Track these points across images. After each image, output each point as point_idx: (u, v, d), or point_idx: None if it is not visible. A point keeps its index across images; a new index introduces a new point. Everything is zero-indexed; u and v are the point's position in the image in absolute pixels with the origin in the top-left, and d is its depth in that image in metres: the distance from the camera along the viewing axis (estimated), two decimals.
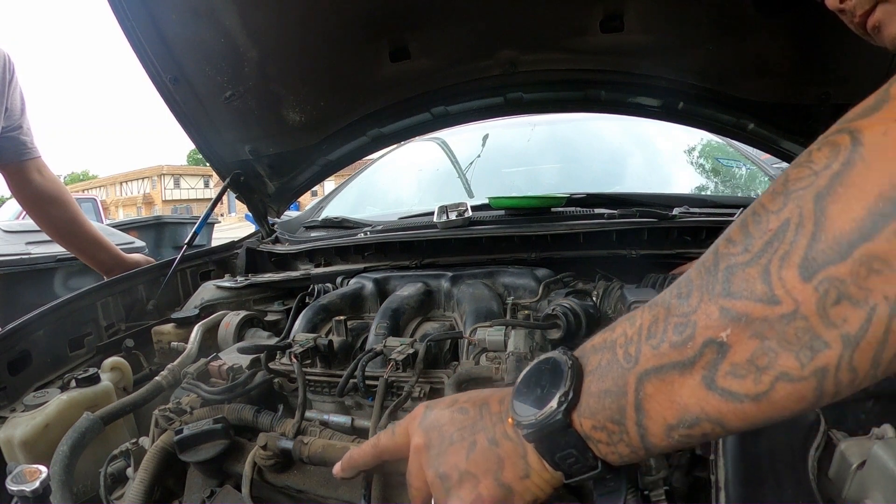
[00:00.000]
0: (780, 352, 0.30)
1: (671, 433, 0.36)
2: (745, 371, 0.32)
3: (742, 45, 1.14)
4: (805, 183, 0.30)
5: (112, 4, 1.11)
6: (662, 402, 0.36)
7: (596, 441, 0.40)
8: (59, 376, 1.05)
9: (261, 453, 0.73)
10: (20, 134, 1.45)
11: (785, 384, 0.31)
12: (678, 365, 0.34)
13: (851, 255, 0.28)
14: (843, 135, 0.30)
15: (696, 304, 0.34)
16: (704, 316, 0.33)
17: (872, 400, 0.61)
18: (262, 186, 1.58)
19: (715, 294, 0.33)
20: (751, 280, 0.31)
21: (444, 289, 1.09)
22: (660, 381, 0.35)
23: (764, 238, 0.31)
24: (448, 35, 1.23)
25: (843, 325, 0.29)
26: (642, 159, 2.02)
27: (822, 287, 0.29)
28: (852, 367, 0.29)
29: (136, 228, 4.51)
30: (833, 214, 0.29)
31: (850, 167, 0.29)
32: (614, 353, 0.39)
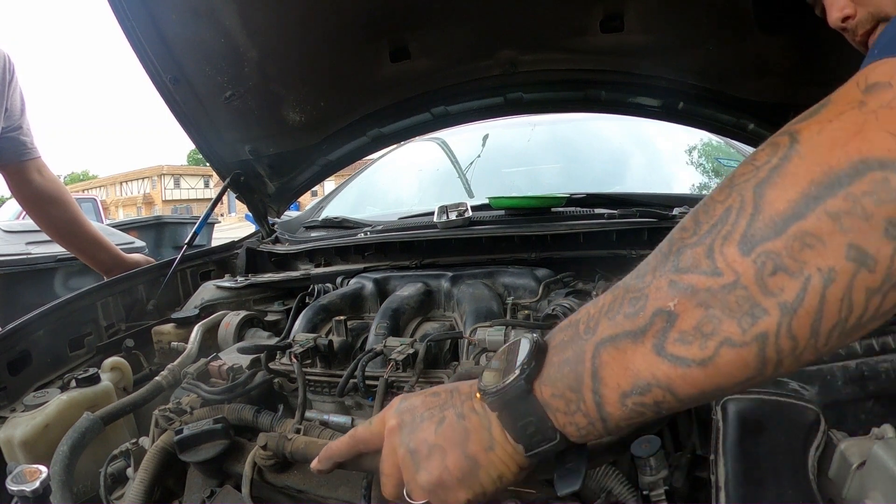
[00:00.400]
0: (723, 319, 0.33)
1: (625, 400, 0.38)
2: (692, 337, 0.34)
3: (742, 45, 1.14)
4: (748, 177, 0.34)
5: (112, 4, 1.11)
6: (616, 370, 0.38)
7: (554, 409, 0.41)
8: (59, 376, 1.05)
9: (261, 453, 0.73)
10: (20, 134, 1.45)
11: (728, 349, 0.33)
12: (631, 333, 0.37)
13: (786, 232, 0.31)
14: (783, 136, 0.34)
15: (649, 280, 0.37)
16: (655, 289, 0.36)
17: (872, 400, 0.61)
18: (262, 186, 1.58)
19: (665, 270, 0.36)
20: (697, 257, 0.35)
21: (444, 289, 1.09)
22: (614, 349, 0.38)
23: (710, 222, 0.35)
24: (448, 35, 1.23)
25: (780, 293, 0.31)
26: (642, 159, 2.02)
27: (760, 260, 0.32)
28: (791, 335, 0.32)
29: (136, 228, 4.51)
30: (770, 199, 0.32)
31: (786, 161, 0.32)
32: (576, 329, 0.41)
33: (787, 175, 0.32)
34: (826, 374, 0.64)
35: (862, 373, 0.63)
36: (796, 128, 0.33)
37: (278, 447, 0.72)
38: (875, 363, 0.63)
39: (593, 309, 0.41)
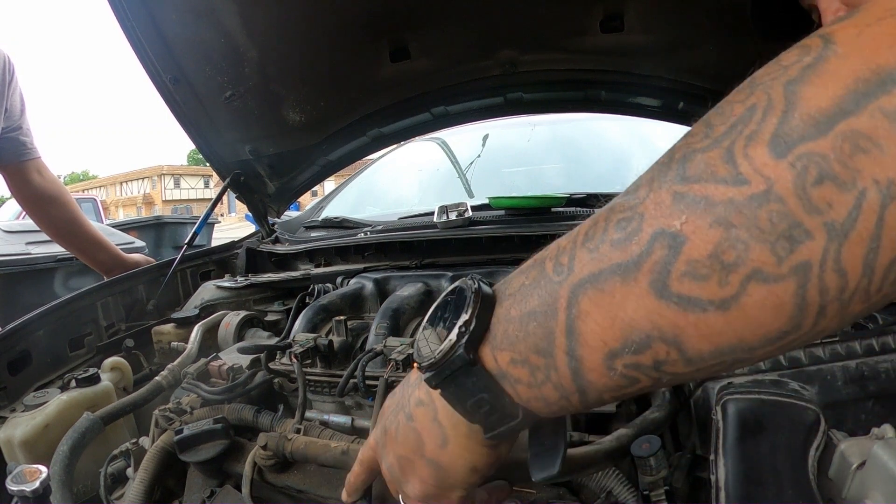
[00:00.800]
0: (750, 243, 0.24)
1: (613, 363, 0.29)
2: (708, 270, 0.25)
3: (742, 45, 1.14)
4: (774, 75, 0.26)
5: (112, 4, 1.11)
6: (601, 321, 0.28)
7: (514, 381, 0.32)
8: (59, 376, 1.05)
9: (261, 453, 0.73)
10: (20, 134, 1.45)
11: (759, 285, 0.25)
12: (620, 268, 0.27)
13: (833, 130, 0.23)
14: (813, 38, 0.26)
15: (644, 194, 0.28)
16: (653, 205, 0.27)
17: (872, 400, 0.61)
18: (262, 186, 1.58)
19: (667, 181, 0.27)
20: (712, 161, 0.26)
21: (444, 289, 1.09)
22: (598, 293, 0.28)
23: (727, 123, 0.26)
24: (448, 35, 1.23)
25: (827, 210, 0.24)
26: (643, 159, 2.02)
27: (800, 163, 0.24)
28: (840, 268, 0.24)
29: (136, 228, 4.51)
30: (808, 95, 0.24)
31: (823, 60, 0.25)
32: (542, 269, 0.32)
33: (825, 73, 0.24)
34: (826, 374, 0.64)
35: (862, 373, 0.63)
36: (828, 31, 0.26)
37: (278, 447, 0.72)
38: (875, 363, 0.63)
39: (565, 240, 0.32)
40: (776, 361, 0.67)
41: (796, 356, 0.66)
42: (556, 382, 0.31)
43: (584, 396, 0.31)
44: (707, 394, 0.67)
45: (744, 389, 0.64)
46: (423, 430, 0.38)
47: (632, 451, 0.61)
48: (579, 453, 0.62)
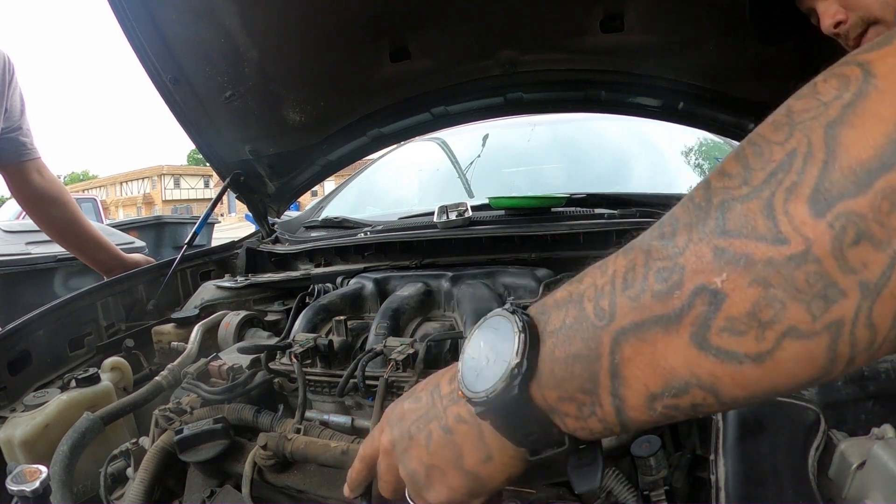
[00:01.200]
0: (787, 302, 0.25)
1: (654, 404, 0.31)
2: (745, 326, 0.26)
3: (742, 45, 1.14)
4: (813, 113, 0.26)
5: (112, 4, 1.11)
6: (644, 367, 0.30)
7: (563, 415, 0.34)
8: (59, 376, 1.05)
9: (261, 453, 0.73)
10: (20, 135, 1.45)
11: (793, 342, 0.26)
12: (662, 320, 0.29)
13: (872, 187, 0.23)
14: (851, 66, 0.26)
15: (683, 244, 0.28)
16: (694, 258, 0.28)
17: (872, 400, 0.61)
18: (262, 186, 1.58)
19: (707, 232, 0.28)
20: (751, 215, 0.26)
21: (444, 289, 1.09)
22: (640, 342, 0.30)
23: (767, 169, 0.26)
24: (448, 35, 1.23)
25: (862, 270, 0.24)
26: (644, 159, 2.02)
27: (839, 223, 0.24)
28: (871, 323, 0.25)
29: (136, 228, 4.52)
30: (848, 142, 0.24)
31: (863, 97, 0.25)
32: (582, 309, 0.33)
33: (866, 114, 0.24)
34: None
35: (862, 373, 0.63)
36: (866, 58, 0.26)
37: (278, 447, 0.72)
38: (875, 363, 0.63)
39: (601, 278, 0.32)
40: None
41: None
42: (601, 417, 0.33)
43: (625, 427, 0.33)
44: None
45: None
46: (465, 445, 0.39)
47: (632, 451, 0.61)
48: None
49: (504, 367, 0.34)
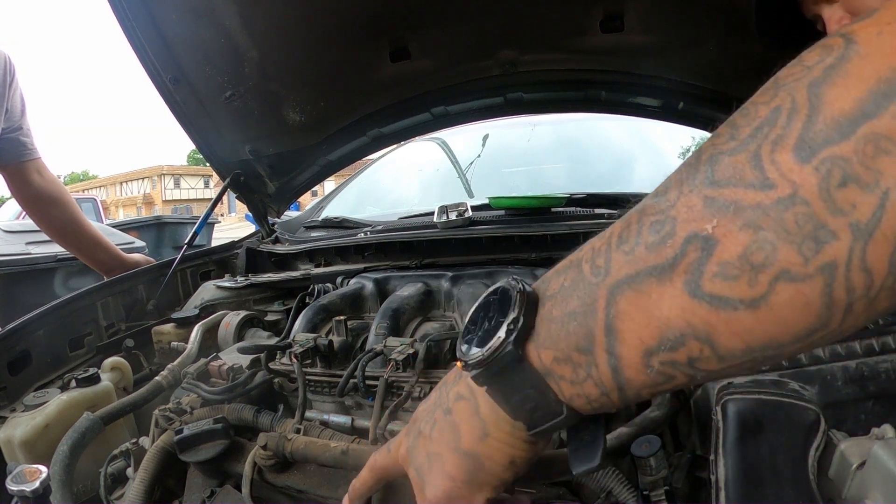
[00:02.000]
0: (778, 244, 0.26)
1: (650, 360, 0.30)
2: (738, 270, 0.27)
3: (742, 45, 1.14)
4: (797, 76, 0.28)
5: (112, 4, 1.11)
6: (638, 320, 0.30)
7: (558, 377, 0.34)
8: (59, 376, 1.05)
9: (261, 453, 0.73)
10: (20, 135, 1.45)
11: (786, 285, 0.26)
12: (656, 269, 0.29)
13: (855, 133, 0.24)
14: (835, 38, 0.28)
15: (675, 198, 0.30)
16: (685, 209, 0.29)
17: (872, 400, 0.61)
18: (262, 186, 1.58)
19: (697, 184, 0.29)
20: (740, 166, 0.27)
21: (444, 289, 1.09)
22: (635, 293, 0.30)
23: (753, 125, 0.28)
24: (448, 35, 1.23)
25: (851, 211, 0.24)
26: (644, 159, 2.02)
27: (824, 167, 0.25)
28: (865, 267, 0.25)
29: (136, 228, 4.52)
30: (831, 98, 0.25)
31: (845, 60, 0.26)
32: (580, 270, 0.33)
33: (848, 74, 0.25)
34: (826, 374, 0.64)
35: (862, 373, 0.63)
36: (849, 29, 0.27)
37: (278, 447, 0.72)
38: (875, 363, 0.63)
39: (599, 242, 0.33)
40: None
41: (796, 356, 0.66)
42: (597, 379, 0.32)
43: (623, 393, 0.32)
44: (707, 394, 0.67)
45: (744, 389, 0.64)
46: (462, 422, 0.39)
47: (632, 451, 0.61)
48: None
49: (502, 326, 0.34)
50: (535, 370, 0.34)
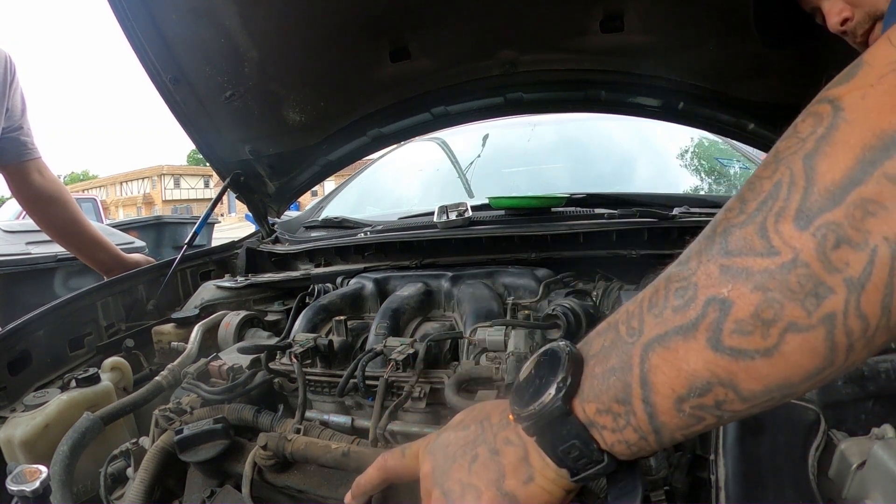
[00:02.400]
0: (784, 302, 0.30)
1: (682, 406, 0.34)
2: (752, 326, 0.31)
3: (742, 45, 1.14)
4: (794, 149, 0.32)
5: (112, 4, 1.11)
6: (668, 373, 0.34)
7: (601, 427, 0.38)
8: (59, 376, 1.05)
9: (261, 453, 0.73)
10: (21, 135, 1.45)
11: (794, 335, 0.30)
12: (681, 329, 0.34)
13: (845, 200, 0.29)
14: (823, 104, 0.31)
15: (695, 266, 0.34)
16: (704, 276, 0.33)
17: (872, 400, 0.61)
18: (262, 186, 1.58)
19: (713, 254, 0.34)
20: (749, 237, 0.32)
21: (444, 289, 1.09)
22: (664, 350, 0.34)
23: (758, 199, 0.32)
24: (448, 35, 1.23)
25: (845, 269, 0.29)
26: (644, 159, 2.02)
27: (820, 233, 0.29)
28: (861, 314, 0.29)
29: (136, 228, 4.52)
30: (823, 169, 0.30)
31: (833, 129, 0.30)
32: (617, 332, 0.38)
33: (836, 143, 0.30)
34: None
35: (862, 373, 0.63)
36: (835, 93, 0.31)
37: (278, 447, 0.72)
38: (875, 363, 0.63)
39: (633, 306, 0.38)
40: None
41: None
42: (636, 426, 0.36)
43: (659, 436, 0.36)
44: None
45: None
46: (509, 465, 0.42)
47: None
48: None
49: (552, 384, 0.39)
50: (579, 422, 0.38)
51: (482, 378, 0.79)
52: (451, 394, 0.74)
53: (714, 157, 2.00)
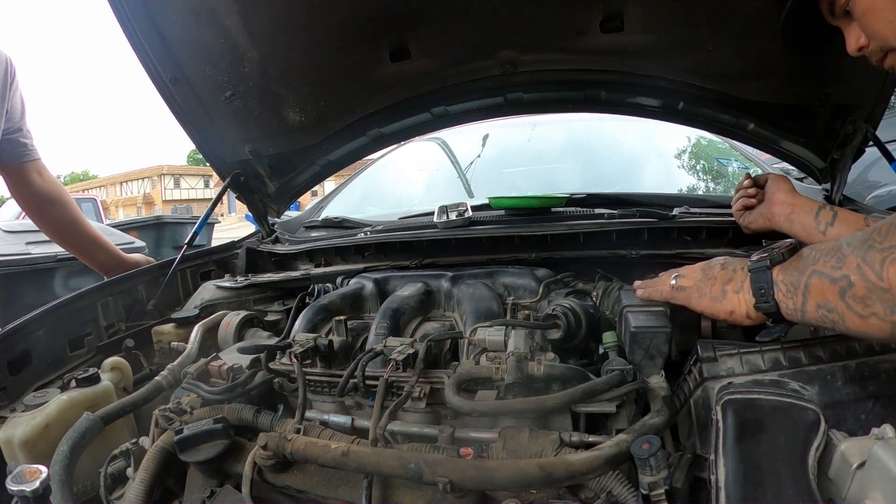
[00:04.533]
0: (876, 303, 0.54)
1: (818, 310, 0.60)
2: (859, 303, 0.56)
3: (742, 45, 1.14)
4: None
5: (112, 4, 1.11)
6: (816, 291, 0.61)
7: (779, 288, 0.66)
8: (59, 376, 1.05)
9: (261, 453, 0.73)
10: (20, 136, 1.45)
11: (876, 320, 0.55)
12: (830, 277, 0.59)
13: None
14: None
15: (848, 253, 0.58)
16: (849, 262, 0.57)
17: (872, 400, 0.61)
18: (262, 186, 1.58)
19: (859, 255, 0.56)
20: (875, 262, 0.54)
21: (444, 289, 1.09)
22: (818, 279, 0.60)
23: (893, 242, 0.53)
24: (448, 35, 1.23)
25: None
26: (644, 159, 2.02)
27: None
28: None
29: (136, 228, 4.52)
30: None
31: None
32: (807, 256, 0.64)
33: None
34: (826, 374, 0.64)
35: (862, 373, 0.63)
36: None
37: (278, 447, 0.72)
38: (875, 363, 0.63)
39: (818, 249, 0.63)
40: (776, 361, 0.67)
41: (796, 356, 0.66)
42: (794, 302, 0.64)
43: (803, 315, 0.63)
44: (707, 394, 0.67)
45: (744, 389, 0.64)
46: (734, 280, 0.73)
47: (632, 452, 0.61)
48: (579, 459, 0.62)
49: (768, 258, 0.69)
50: (771, 279, 0.67)
51: (482, 378, 0.79)
52: (451, 394, 0.74)
53: (713, 157, 2.00)
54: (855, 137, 1.21)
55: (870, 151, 1.26)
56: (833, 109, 1.20)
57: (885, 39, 0.76)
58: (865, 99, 1.16)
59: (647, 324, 0.77)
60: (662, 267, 1.07)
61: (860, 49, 0.80)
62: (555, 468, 0.61)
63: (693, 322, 0.84)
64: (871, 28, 0.77)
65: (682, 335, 0.85)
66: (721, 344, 0.71)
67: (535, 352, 0.84)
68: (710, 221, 1.15)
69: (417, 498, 0.69)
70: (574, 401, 0.71)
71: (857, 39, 0.79)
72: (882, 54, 0.78)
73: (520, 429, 0.71)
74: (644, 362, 0.77)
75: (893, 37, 0.75)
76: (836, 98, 1.17)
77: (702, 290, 0.76)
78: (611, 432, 0.74)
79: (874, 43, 0.78)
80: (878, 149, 1.26)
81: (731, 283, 0.73)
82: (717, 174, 1.91)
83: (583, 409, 0.74)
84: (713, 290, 0.74)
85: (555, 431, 0.70)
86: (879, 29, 0.76)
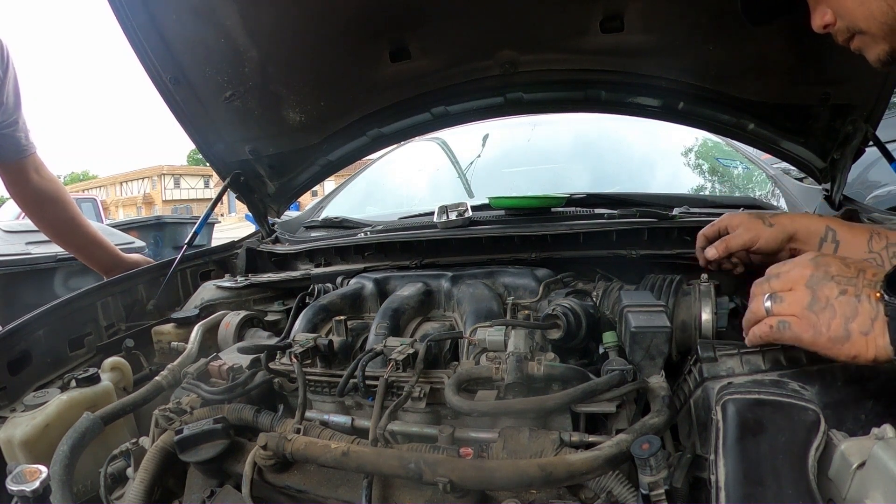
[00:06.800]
0: None
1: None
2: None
3: (742, 45, 1.14)
4: None
5: (112, 4, 1.11)
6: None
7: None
8: (59, 376, 1.05)
9: (261, 453, 0.73)
10: (16, 130, 1.41)
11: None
12: None
13: None
14: None
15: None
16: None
17: (872, 400, 0.61)
18: (262, 186, 1.58)
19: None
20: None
21: (444, 289, 1.09)
22: None
23: None
24: (448, 35, 1.23)
25: None
26: (644, 159, 2.02)
27: None
28: None
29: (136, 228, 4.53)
30: None
31: None
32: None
33: None
34: (826, 373, 0.63)
35: (862, 373, 0.63)
36: None
37: (278, 447, 0.72)
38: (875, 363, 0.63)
39: None
40: (776, 361, 0.67)
41: (796, 356, 0.66)
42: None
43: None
44: (707, 394, 0.67)
45: (744, 389, 0.64)
46: (862, 314, 0.58)
47: (632, 452, 0.61)
48: (579, 459, 0.62)
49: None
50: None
51: (482, 378, 0.79)
52: (451, 394, 0.74)
53: (714, 158, 2.00)
54: (855, 137, 1.21)
55: (870, 151, 1.26)
56: (833, 109, 1.20)
57: (852, 20, 0.71)
58: (865, 99, 1.16)
59: (647, 324, 0.77)
60: (662, 267, 1.07)
61: (825, 27, 0.75)
62: (555, 468, 0.61)
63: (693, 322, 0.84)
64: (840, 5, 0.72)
65: (682, 335, 0.85)
66: (721, 344, 0.71)
67: (535, 352, 0.84)
68: (709, 221, 1.15)
69: (417, 498, 0.69)
70: (574, 401, 0.71)
71: (823, 16, 0.74)
72: (849, 35, 0.73)
73: (520, 429, 0.71)
74: (644, 362, 0.77)
75: (864, 19, 0.70)
76: (836, 98, 1.17)
77: (816, 327, 0.60)
78: (611, 432, 0.74)
79: (841, 22, 0.73)
80: (878, 149, 1.26)
81: (857, 321, 0.57)
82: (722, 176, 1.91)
83: (583, 409, 0.74)
84: (833, 329, 0.58)
85: (555, 431, 0.70)
86: (851, 8, 0.70)
